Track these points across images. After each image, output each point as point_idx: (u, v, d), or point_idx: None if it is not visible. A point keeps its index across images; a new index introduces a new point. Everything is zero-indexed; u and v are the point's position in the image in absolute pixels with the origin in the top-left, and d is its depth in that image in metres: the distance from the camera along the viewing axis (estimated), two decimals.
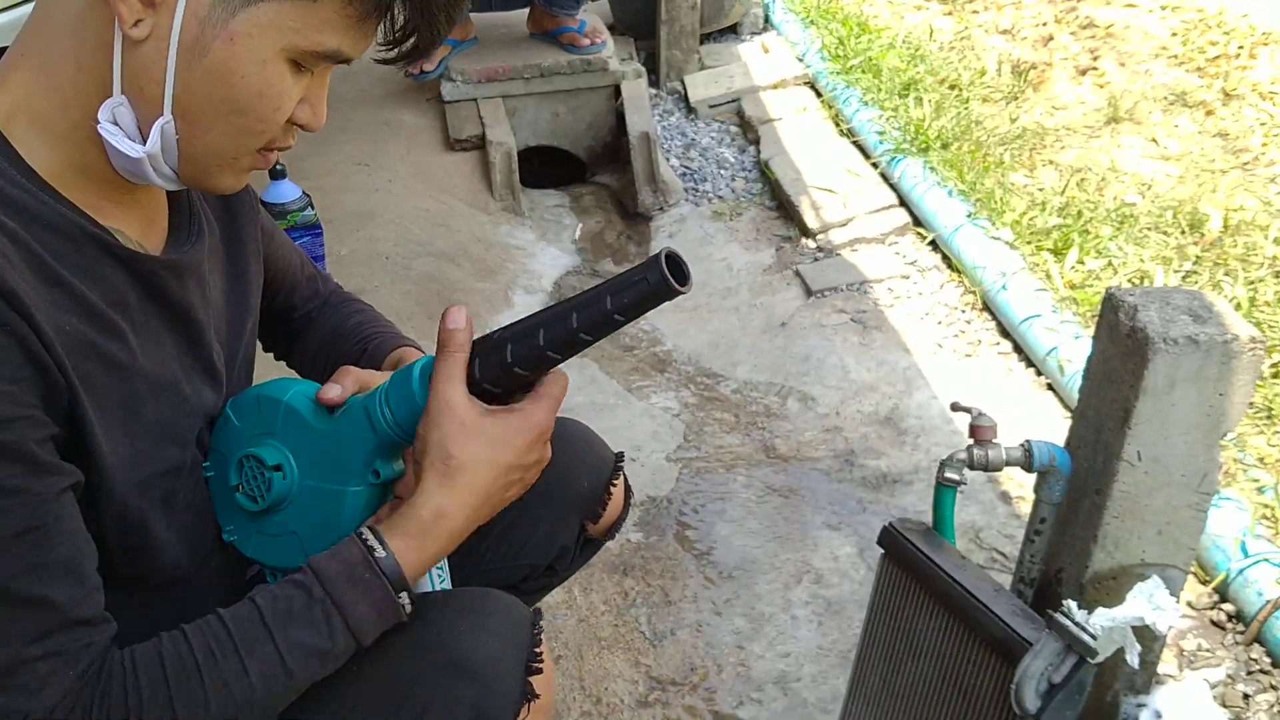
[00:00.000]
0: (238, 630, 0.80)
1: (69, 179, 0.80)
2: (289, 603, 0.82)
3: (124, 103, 0.78)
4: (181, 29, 0.75)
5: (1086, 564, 1.24)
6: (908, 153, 3.06)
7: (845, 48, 3.77)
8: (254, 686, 0.79)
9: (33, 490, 0.72)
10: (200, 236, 0.93)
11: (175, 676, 0.78)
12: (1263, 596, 1.64)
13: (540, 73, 3.41)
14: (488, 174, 3.23)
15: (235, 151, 0.82)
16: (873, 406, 2.34)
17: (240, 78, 0.77)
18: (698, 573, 1.91)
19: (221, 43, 0.76)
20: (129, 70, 0.77)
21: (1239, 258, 2.47)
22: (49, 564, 0.73)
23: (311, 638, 0.81)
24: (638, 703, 1.65)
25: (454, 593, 0.97)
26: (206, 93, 0.78)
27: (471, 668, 0.87)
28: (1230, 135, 3.09)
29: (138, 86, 0.77)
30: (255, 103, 0.79)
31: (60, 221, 0.78)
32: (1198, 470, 1.18)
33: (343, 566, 0.83)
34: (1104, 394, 1.19)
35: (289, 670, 0.81)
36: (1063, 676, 1.06)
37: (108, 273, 0.81)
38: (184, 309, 0.89)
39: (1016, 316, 2.39)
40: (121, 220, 0.85)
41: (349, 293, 1.26)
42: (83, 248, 0.80)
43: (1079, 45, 3.75)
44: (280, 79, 0.79)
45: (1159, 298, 1.16)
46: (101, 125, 0.78)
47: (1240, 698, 1.56)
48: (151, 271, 0.85)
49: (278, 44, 0.77)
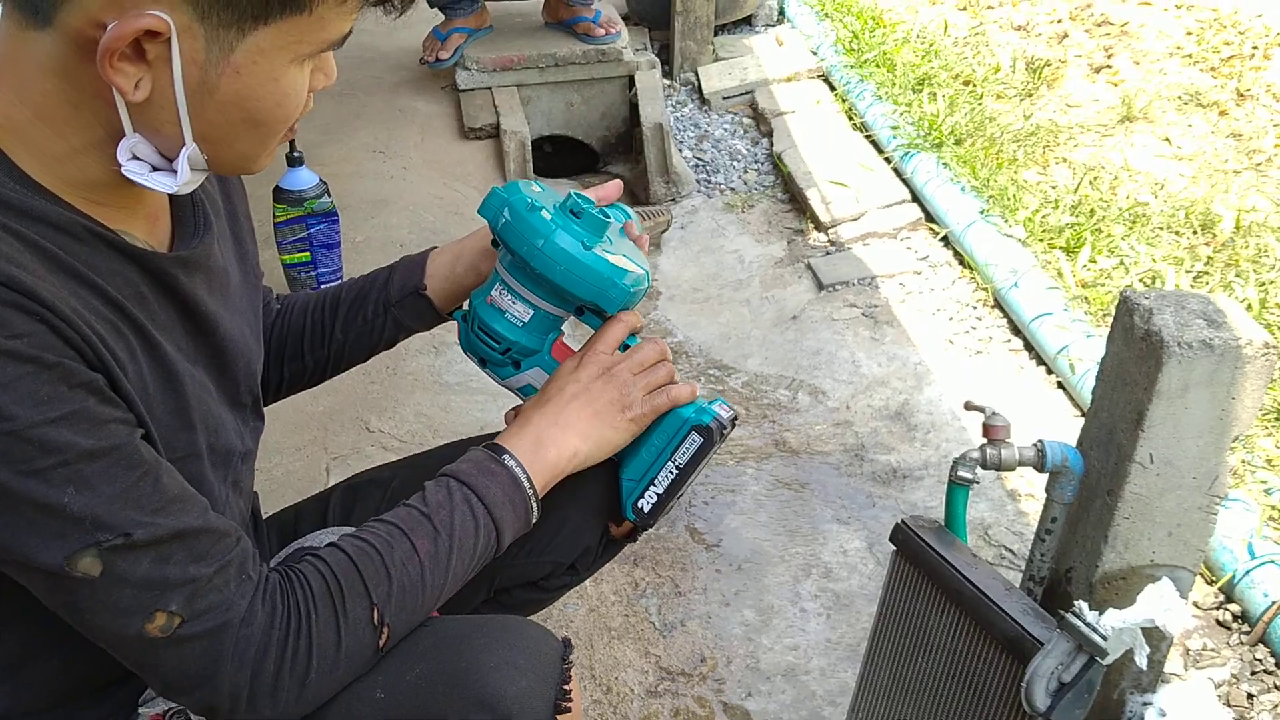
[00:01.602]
0: (398, 518, 0.92)
1: (68, 190, 0.79)
2: (435, 493, 0.95)
3: (140, 140, 0.78)
4: (184, 77, 0.74)
5: (1096, 564, 1.25)
6: (921, 148, 3.07)
7: (859, 41, 3.77)
8: (424, 561, 0.90)
9: (124, 444, 0.75)
10: (207, 229, 0.93)
11: (361, 560, 0.87)
12: (1268, 598, 1.65)
13: (555, 62, 3.41)
14: (502, 163, 3.24)
15: (267, 148, 0.84)
16: (883, 401, 2.35)
17: (255, 100, 0.78)
18: (708, 564, 1.93)
19: (228, 78, 0.75)
20: (139, 117, 0.76)
21: (1250, 259, 2.47)
22: (170, 500, 0.78)
23: (458, 516, 0.94)
24: (647, 692, 1.67)
25: (487, 620, 0.96)
26: (225, 120, 0.78)
27: (500, 706, 0.87)
28: (1243, 136, 3.08)
29: (152, 128, 0.77)
30: (275, 112, 0.80)
31: (66, 222, 0.77)
32: (1209, 473, 1.19)
33: (472, 465, 0.97)
34: (1117, 396, 1.20)
35: (446, 545, 0.92)
36: (1072, 676, 1.07)
37: (118, 268, 0.81)
38: (194, 302, 0.89)
39: (1027, 314, 2.39)
40: (126, 222, 0.84)
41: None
42: (91, 246, 0.79)
43: (1094, 43, 3.74)
44: (293, 83, 0.80)
45: (1174, 301, 1.17)
46: (125, 167, 0.77)
47: (1244, 698, 1.57)
48: (161, 269, 0.85)
49: (284, 59, 0.77)
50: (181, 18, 0.72)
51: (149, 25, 0.70)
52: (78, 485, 0.72)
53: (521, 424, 1.03)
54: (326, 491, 1.26)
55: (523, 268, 1.05)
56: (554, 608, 1.79)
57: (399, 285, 1.18)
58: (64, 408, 0.71)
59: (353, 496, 1.23)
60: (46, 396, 0.70)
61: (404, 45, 3.65)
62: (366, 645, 0.86)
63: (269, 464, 1.98)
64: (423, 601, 0.90)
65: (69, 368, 0.72)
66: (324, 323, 1.20)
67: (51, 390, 0.70)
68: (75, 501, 0.72)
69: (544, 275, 1.03)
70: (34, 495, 0.70)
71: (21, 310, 0.70)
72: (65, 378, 0.71)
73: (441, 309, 1.19)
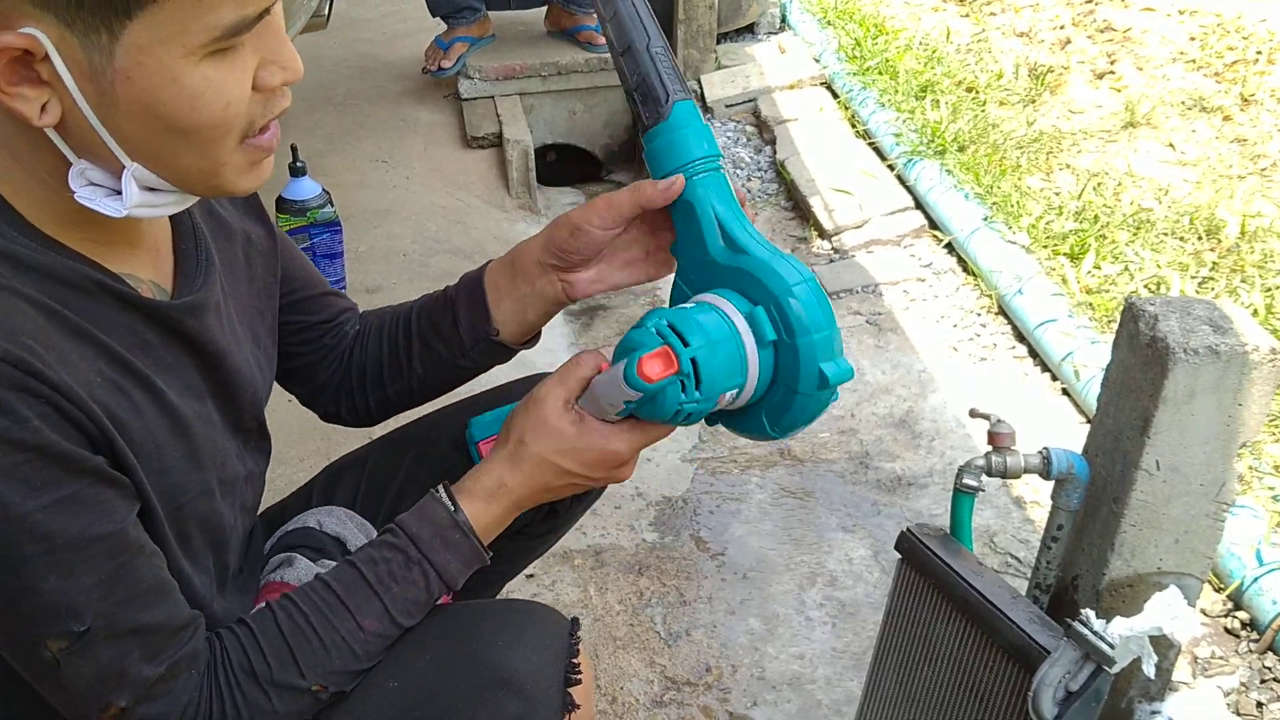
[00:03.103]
0: (345, 592, 0.89)
1: (69, 232, 0.78)
2: (389, 564, 0.91)
3: (88, 165, 0.76)
4: (81, 92, 0.71)
5: (1103, 572, 1.24)
6: (924, 155, 3.07)
7: (862, 49, 3.77)
8: (369, 639, 0.89)
9: (113, 531, 0.76)
10: (209, 264, 0.92)
11: (296, 641, 0.86)
12: (1277, 605, 1.64)
13: (557, 70, 3.42)
14: (505, 172, 3.24)
15: (216, 161, 0.77)
16: (887, 409, 2.34)
17: (163, 105, 0.72)
18: (713, 573, 1.92)
19: (121, 85, 0.70)
20: (71, 141, 0.74)
21: (1256, 264, 2.47)
22: (141, 593, 0.79)
23: (412, 592, 0.91)
24: (653, 702, 1.66)
25: (493, 604, 0.98)
26: (146, 132, 0.73)
27: (515, 682, 0.88)
28: (1248, 141, 3.08)
29: (89, 150, 0.75)
30: (194, 116, 0.73)
31: (71, 275, 0.77)
32: (1216, 480, 1.19)
33: (434, 528, 0.93)
34: (1123, 403, 1.20)
35: (398, 623, 0.91)
36: (1080, 685, 1.06)
37: (124, 319, 0.81)
38: (202, 342, 0.90)
39: (1032, 321, 2.39)
40: (130, 261, 0.84)
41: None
42: (97, 299, 0.79)
43: (1096, 49, 3.74)
44: (206, 81, 0.72)
45: (1179, 307, 1.16)
46: (78, 194, 0.75)
47: (1254, 706, 1.56)
48: (170, 317, 0.85)
49: (175, 54, 0.70)
50: (51, 30, 0.68)
51: (10, 43, 0.67)
52: (59, 573, 0.74)
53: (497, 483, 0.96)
54: (309, 481, 1.27)
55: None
56: None
57: (468, 328, 1.11)
58: (59, 493, 0.72)
59: (333, 483, 1.24)
60: (42, 482, 0.71)
61: (406, 55, 3.66)
62: (306, 707, 0.88)
63: (272, 474, 1.97)
64: (367, 666, 0.91)
65: (70, 454, 0.73)
66: (400, 354, 1.16)
67: (49, 476, 0.72)
68: (54, 588, 0.74)
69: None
70: (16, 579, 0.73)
71: (28, 393, 0.70)
72: (65, 463, 0.73)
73: (515, 346, 1.14)
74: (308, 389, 1.21)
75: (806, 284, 0.89)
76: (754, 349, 0.90)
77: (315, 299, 1.16)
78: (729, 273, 0.94)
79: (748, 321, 0.90)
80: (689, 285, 0.99)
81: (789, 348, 0.89)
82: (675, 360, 0.87)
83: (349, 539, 1.12)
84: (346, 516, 1.16)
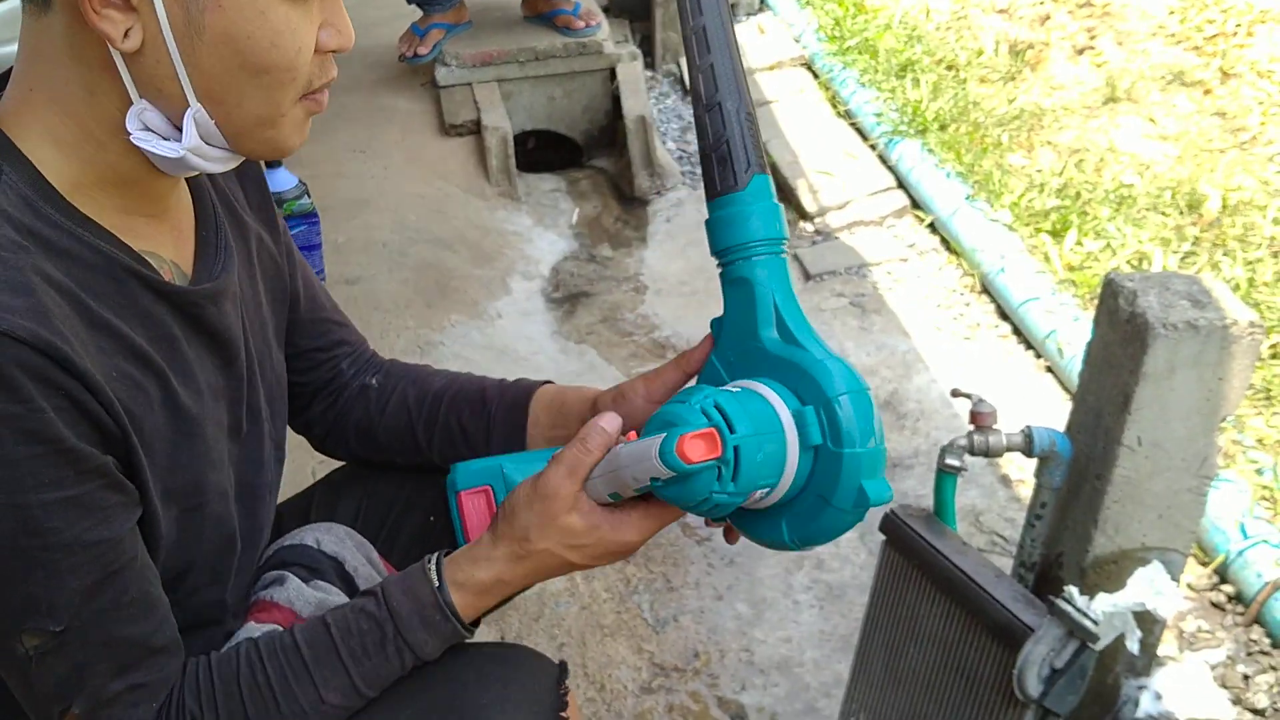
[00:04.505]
0: (314, 658, 0.86)
1: (100, 198, 0.79)
2: (363, 638, 0.87)
3: (147, 106, 0.77)
4: (169, 18, 0.72)
5: (1087, 548, 1.24)
6: (905, 134, 3.05)
7: (842, 28, 3.76)
8: (330, 710, 0.86)
9: (109, 538, 0.75)
10: (229, 252, 0.92)
11: (254, 702, 0.84)
12: (1262, 578, 1.64)
13: (535, 56, 3.39)
14: (484, 159, 3.22)
15: (279, 109, 0.80)
16: (872, 390, 2.34)
17: (246, 38, 0.75)
18: (700, 559, 1.92)
19: (212, 14, 0.73)
20: (140, 78, 0.75)
21: (1238, 238, 2.47)
22: (124, 604, 0.78)
23: (384, 668, 0.88)
24: (641, 689, 1.66)
25: (478, 653, 0.95)
26: (222, 67, 0.75)
27: None
28: (1228, 114, 3.08)
29: (155, 89, 0.76)
30: (273, 54, 0.76)
31: (100, 261, 0.77)
32: (1198, 454, 1.18)
33: (415, 606, 0.88)
34: (1104, 379, 1.19)
35: (363, 694, 0.88)
36: (1064, 662, 1.06)
37: (150, 307, 0.81)
38: (221, 331, 0.89)
39: (1015, 299, 2.39)
40: (153, 238, 0.84)
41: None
42: (123, 285, 0.79)
43: (1076, 24, 3.73)
44: (287, 20, 0.76)
45: (1158, 283, 1.16)
46: (134, 135, 0.76)
47: (1240, 678, 1.56)
48: (191, 302, 0.85)
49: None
50: None
51: None
52: (47, 571, 0.73)
53: (494, 579, 0.91)
54: (309, 489, 1.25)
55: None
56: (546, 606, 1.78)
57: (500, 445, 1.12)
58: (63, 492, 0.71)
59: (335, 494, 1.22)
60: (49, 479, 0.71)
61: (382, 42, 3.62)
62: None
63: None
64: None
65: (80, 453, 0.72)
66: (418, 436, 1.15)
67: (58, 474, 0.71)
68: (39, 584, 0.73)
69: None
70: (3, 566, 0.71)
71: (49, 384, 0.70)
72: (74, 462, 0.72)
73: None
74: (298, 420, 1.19)
75: (862, 393, 0.85)
76: (796, 450, 0.84)
77: (317, 322, 1.14)
78: (779, 364, 0.89)
79: (795, 420, 0.84)
80: (727, 368, 0.95)
81: (832, 456, 0.83)
82: (719, 445, 0.80)
83: (347, 560, 1.09)
84: (346, 535, 1.12)
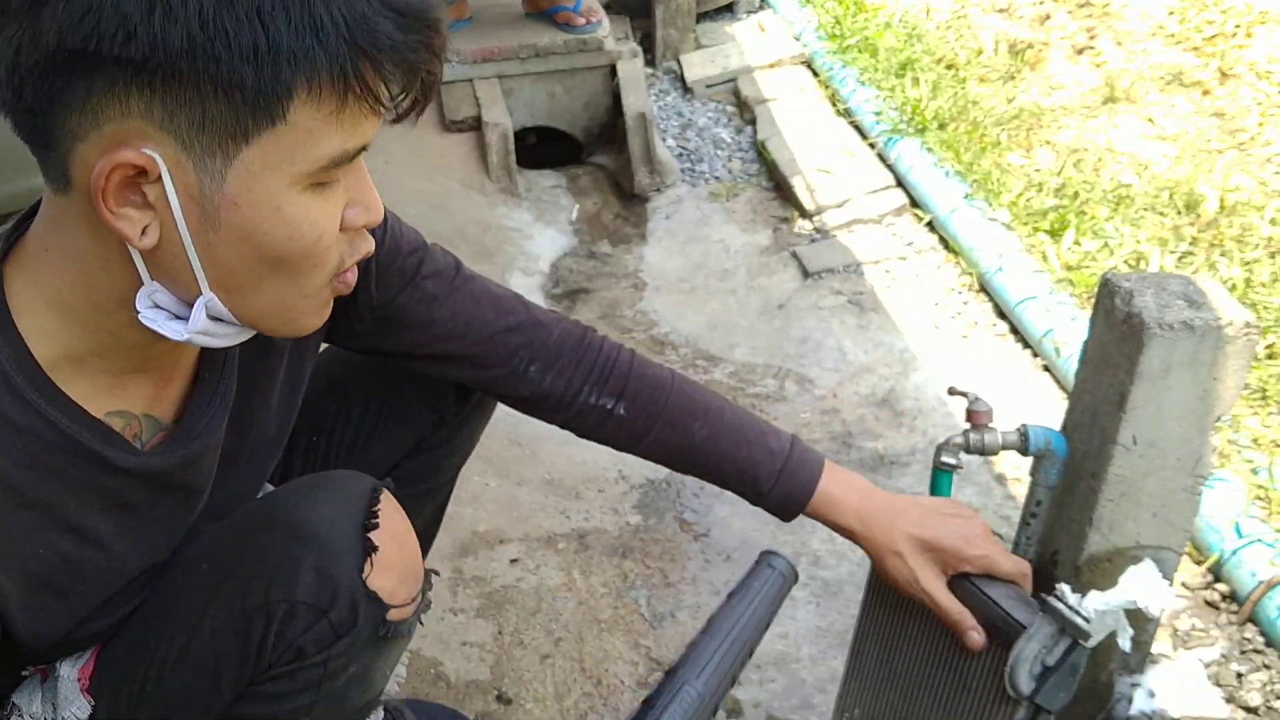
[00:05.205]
0: None
1: (89, 362, 0.80)
2: None
3: (159, 288, 0.77)
4: (184, 215, 0.73)
5: (1082, 547, 1.25)
6: (904, 133, 3.06)
7: (842, 27, 3.76)
8: None
9: None
10: (225, 399, 0.93)
11: None
12: (1256, 577, 1.65)
13: (536, 52, 3.40)
14: (484, 155, 3.23)
15: (301, 296, 0.81)
16: (870, 388, 2.35)
17: (264, 234, 0.75)
18: (697, 555, 1.92)
19: (227, 211, 0.73)
20: (154, 266, 0.76)
21: (1235, 238, 2.47)
22: None
23: None
24: (638, 684, 1.67)
25: (298, 480, 0.99)
26: (239, 260, 0.76)
27: (307, 533, 0.90)
28: (1227, 115, 3.08)
29: (169, 275, 0.77)
30: (291, 247, 0.77)
31: (58, 439, 0.79)
32: (1192, 454, 1.19)
33: None
34: (1100, 378, 1.20)
35: None
36: (1056, 659, 1.07)
37: (106, 480, 0.83)
38: (185, 485, 0.92)
39: (1013, 298, 2.39)
40: (130, 393, 0.85)
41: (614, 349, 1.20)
42: (80, 463, 0.81)
43: (1076, 24, 3.74)
44: (305, 211, 0.76)
45: (1155, 283, 1.17)
46: (142, 314, 0.77)
47: (1234, 677, 1.57)
48: (155, 473, 0.87)
49: (282, 182, 0.74)
50: (167, 152, 0.71)
51: (131, 159, 0.70)
52: None
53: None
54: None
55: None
56: (542, 600, 1.79)
57: (774, 506, 1.23)
58: None
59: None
60: None
61: None
62: None
63: None
64: None
65: None
66: (672, 462, 1.22)
67: None
68: None
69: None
70: None
71: None
72: None
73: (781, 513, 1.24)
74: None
75: None
76: None
77: (482, 343, 1.14)
78: None
79: None
80: None
81: None
82: None
83: None
84: None
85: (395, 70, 0.74)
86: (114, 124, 0.70)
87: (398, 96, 0.76)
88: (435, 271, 1.11)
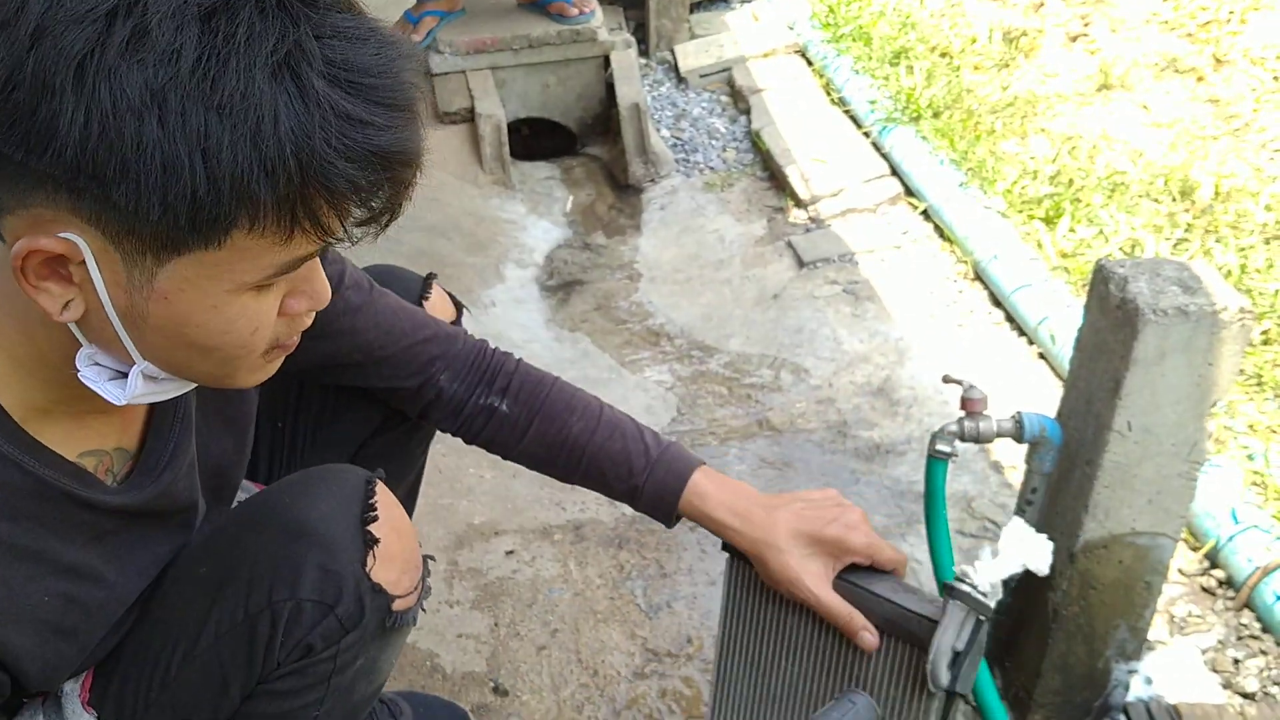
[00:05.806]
0: None
1: (54, 409, 0.80)
2: None
3: (97, 350, 0.76)
4: (110, 299, 0.70)
5: (1078, 533, 1.25)
6: (899, 122, 3.05)
7: (835, 15, 3.75)
8: None
9: None
10: (186, 421, 0.93)
11: None
12: (1252, 563, 1.65)
13: (529, 43, 3.38)
14: (477, 147, 3.22)
15: (237, 369, 0.79)
16: (865, 377, 2.34)
17: (195, 326, 0.72)
18: (693, 545, 1.92)
19: (156, 304, 0.70)
20: (87, 332, 0.75)
21: (1230, 225, 2.47)
22: None
23: None
24: (634, 674, 1.67)
25: (290, 476, 0.99)
26: (168, 343, 0.74)
27: (308, 530, 0.90)
28: (1221, 101, 3.08)
29: (102, 341, 0.75)
30: (225, 339, 0.74)
31: (32, 485, 0.78)
32: (1188, 439, 1.19)
33: None
34: (1094, 365, 1.20)
35: None
36: (965, 643, 1.04)
37: (83, 516, 0.83)
38: (161, 514, 0.92)
39: (1008, 286, 2.39)
40: (98, 433, 0.85)
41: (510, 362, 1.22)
42: (56, 504, 0.80)
43: (1070, 11, 3.72)
44: (243, 310, 0.73)
45: (1149, 269, 1.16)
46: (82, 374, 0.76)
47: (1230, 663, 1.57)
48: (138, 510, 0.88)
49: (219, 288, 0.71)
50: (95, 240, 0.67)
51: (48, 247, 0.67)
52: None
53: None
54: None
55: None
56: (539, 592, 1.79)
57: (646, 507, 1.22)
58: None
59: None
60: None
61: None
62: None
63: None
64: None
65: None
66: (556, 474, 1.21)
67: None
68: None
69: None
70: None
71: None
72: None
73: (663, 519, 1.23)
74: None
75: None
76: None
77: (399, 354, 1.16)
78: None
79: None
80: None
81: None
82: None
83: None
84: None
85: (354, 209, 0.70)
86: (40, 208, 0.67)
87: (358, 224, 0.72)
88: (355, 283, 1.12)
